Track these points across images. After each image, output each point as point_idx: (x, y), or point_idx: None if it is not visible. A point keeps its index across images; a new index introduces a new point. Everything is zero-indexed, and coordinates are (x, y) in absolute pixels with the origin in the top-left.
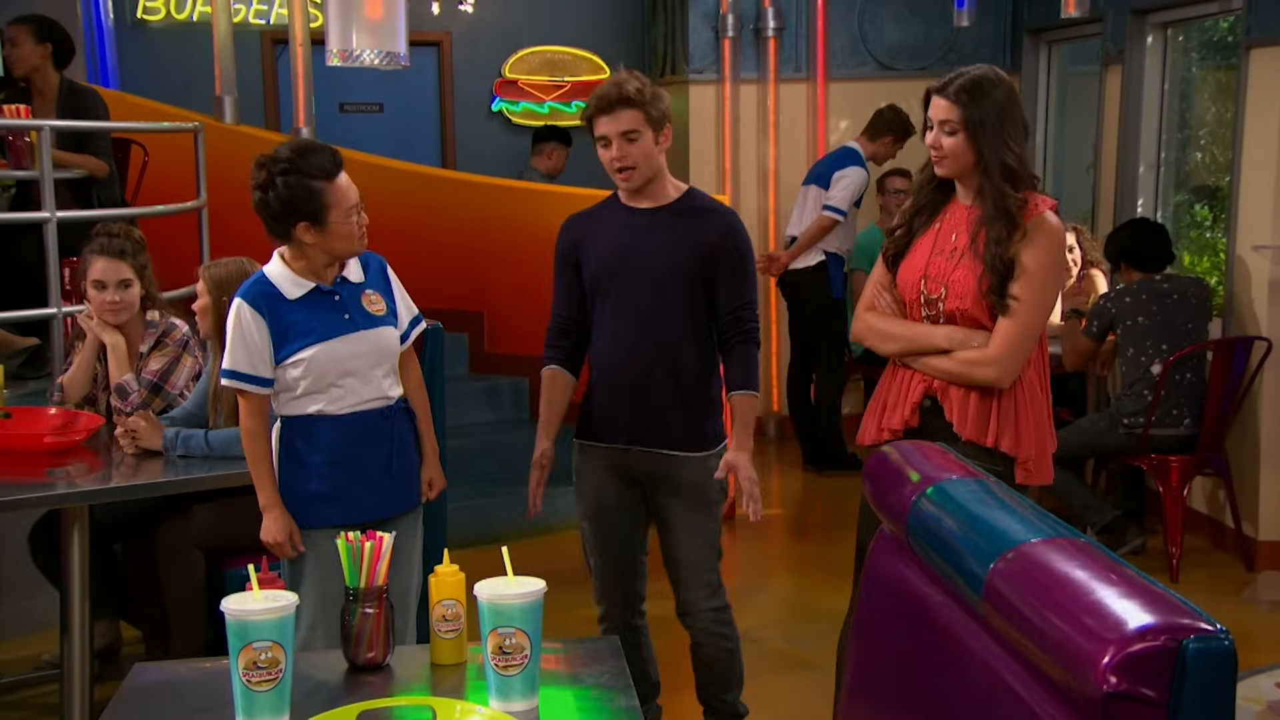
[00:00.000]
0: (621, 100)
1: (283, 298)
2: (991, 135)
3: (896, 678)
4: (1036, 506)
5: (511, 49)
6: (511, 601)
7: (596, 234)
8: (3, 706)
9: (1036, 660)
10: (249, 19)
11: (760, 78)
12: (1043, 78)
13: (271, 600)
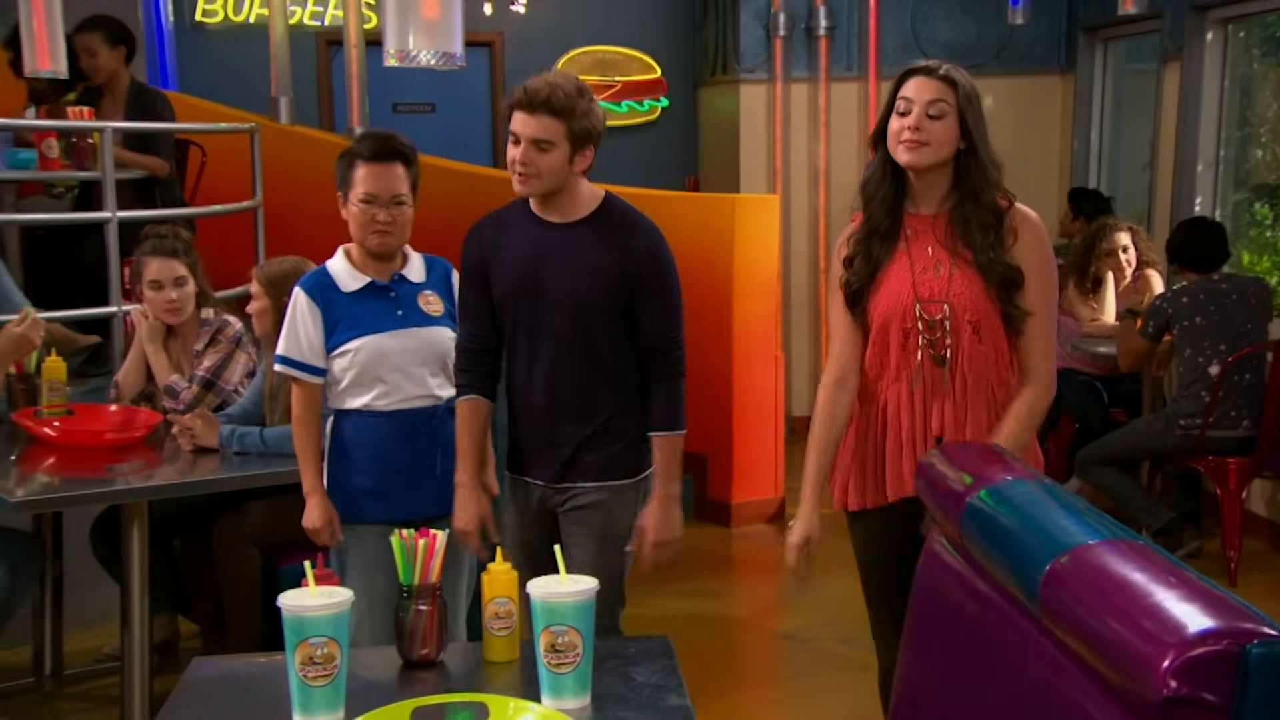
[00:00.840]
0: (546, 105)
1: (338, 289)
2: (980, 123)
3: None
4: (1093, 508)
5: (563, 49)
6: (564, 600)
7: (507, 246)
8: (67, 697)
9: (1093, 663)
10: (304, 21)
11: (811, 76)
12: (1098, 76)
13: (327, 597)
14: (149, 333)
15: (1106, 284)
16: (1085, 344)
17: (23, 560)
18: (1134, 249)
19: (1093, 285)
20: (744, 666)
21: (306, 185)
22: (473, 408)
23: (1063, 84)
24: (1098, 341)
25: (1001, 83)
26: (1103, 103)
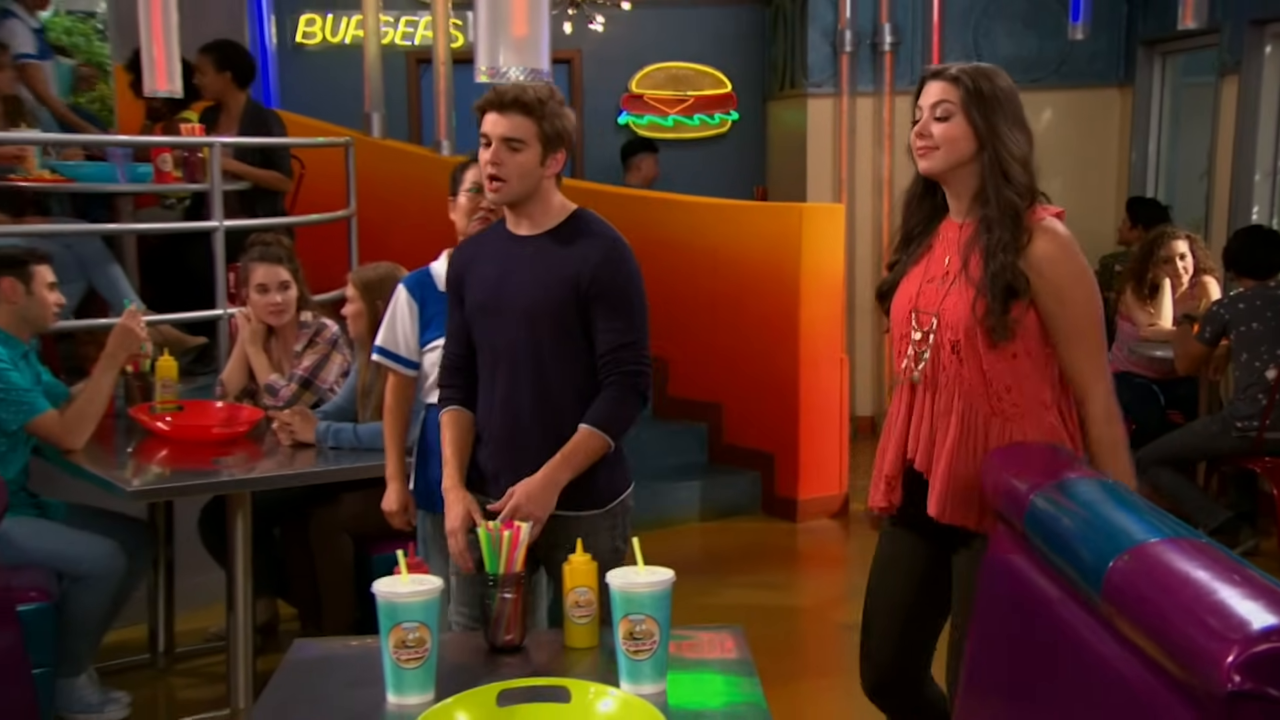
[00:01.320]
0: (517, 104)
1: (435, 289)
2: (994, 120)
3: (1013, 670)
4: (1154, 506)
5: (638, 65)
6: (642, 590)
7: (478, 262)
8: (178, 673)
9: (1157, 657)
10: (396, 41)
11: (876, 90)
12: (1156, 89)
13: (419, 584)
14: (251, 334)
15: (1163, 290)
16: (1142, 348)
17: (139, 546)
18: (1191, 256)
19: (1150, 291)
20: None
21: (397, 195)
22: (455, 418)
23: (1121, 97)
24: (1155, 346)
25: (1062, 96)
26: (1161, 115)
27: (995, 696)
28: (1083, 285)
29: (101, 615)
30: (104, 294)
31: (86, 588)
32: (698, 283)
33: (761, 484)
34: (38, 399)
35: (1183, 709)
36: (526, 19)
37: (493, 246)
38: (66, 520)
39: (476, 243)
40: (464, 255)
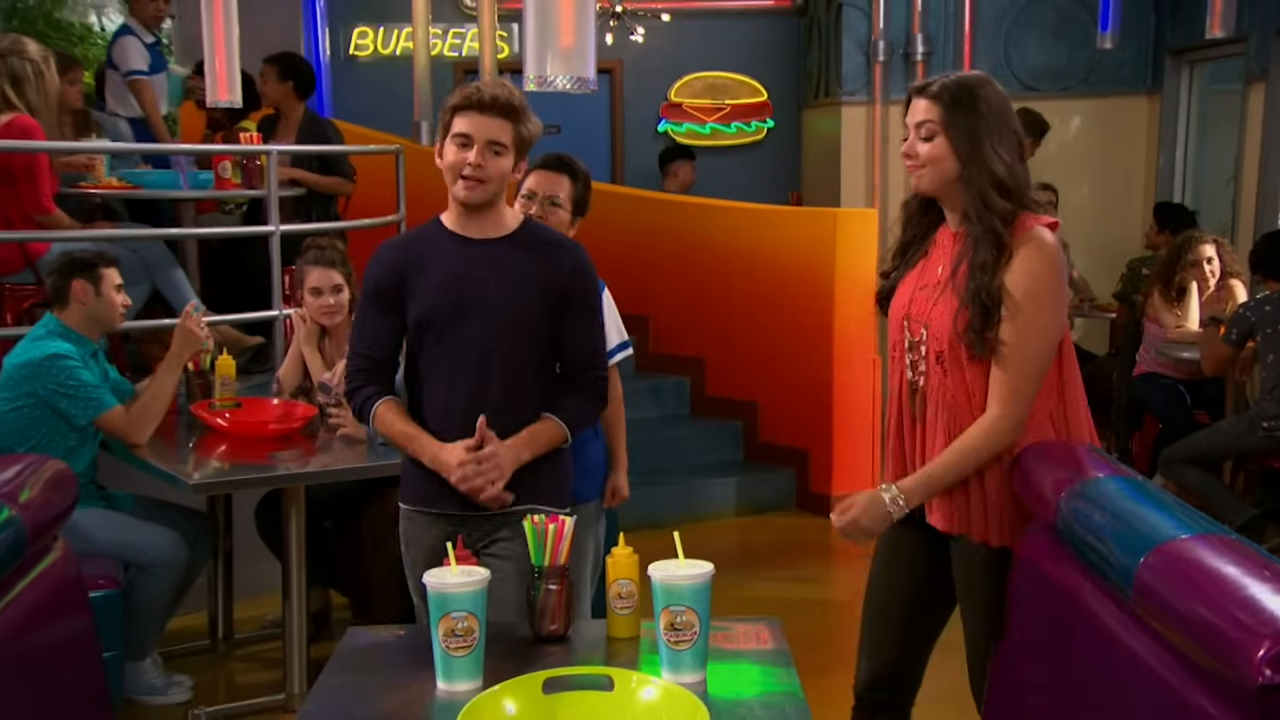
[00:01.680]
0: (504, 107)
1: None
2: (976, 139)
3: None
4: (1183, 504)
5: (677, 75)
6: (683, 582)
7: (425, 266)
8: (237, 659)
9: (1188, 652)
10: (444, 52)
11: None
12: (1184, 97)
13: (467, 575)
14: (306, 334)
15: (1190, 293)
16: (1169, 349)
17: (200, 537)
18: (1218, 260)
19: (1177, 294)
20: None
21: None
22: (393, 403)
23: (1149, 105)
24: (1181, 347)
25: (1090, 104)
26: (1188, 122)
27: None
28: (1041, 306)
29: (165, 602)
30: (167, 296)
31: (151, 576)
32: (734, 285)
33: (796, 480)
34: (105, 396)
35: (1214, 703)
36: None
37: (438, 250)
38: (133, 512)
39: (409, 246)
40: (397, 260)
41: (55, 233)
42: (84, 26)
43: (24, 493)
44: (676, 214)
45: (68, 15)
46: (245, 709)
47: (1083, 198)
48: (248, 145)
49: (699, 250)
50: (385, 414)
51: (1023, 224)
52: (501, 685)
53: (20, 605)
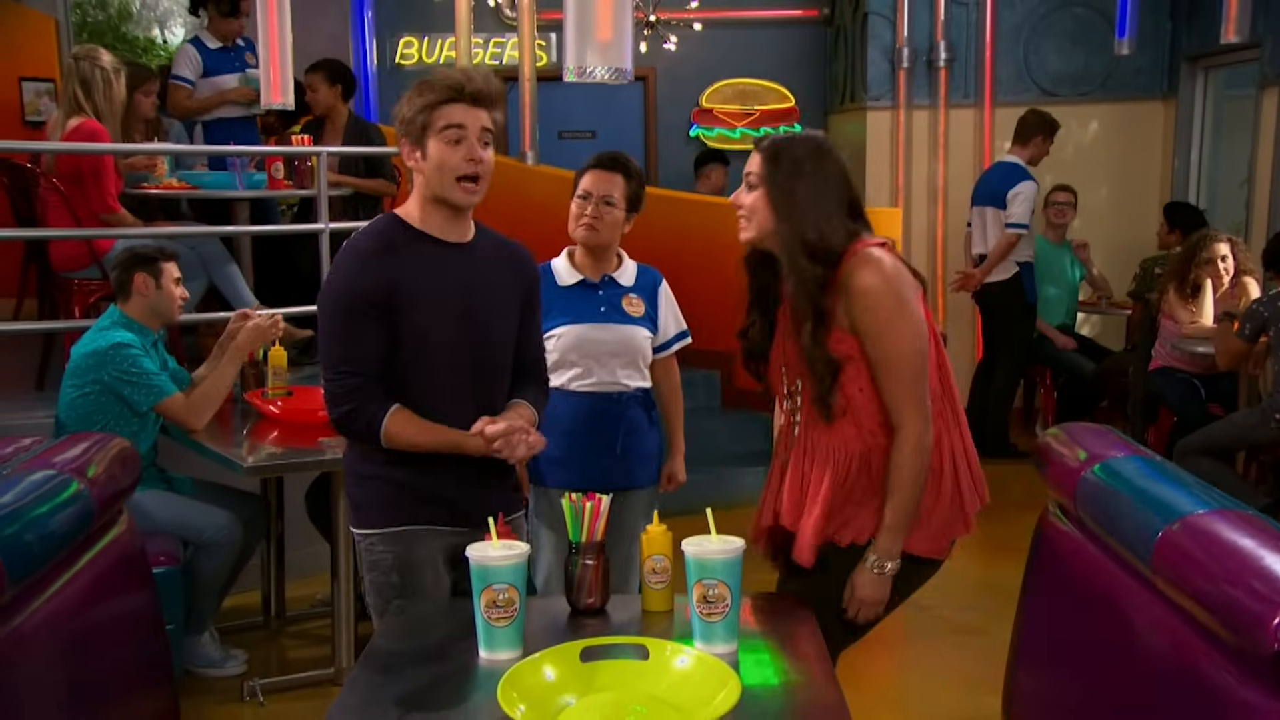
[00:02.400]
0: (494, 98)
1: (555, 282)
2: (791, 197)
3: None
4: (1201, 482)
5: (708, 81)
6: (715, 556)
7: (418, 272)
8: (289, 635)
9: (1205, 621)
10: (485, 60)
11: (932, 104)
12: (1199, 102)
13: (508, 549)
14: None
15: (1205, 290)
16: (1184, 344)
17: (253, 518)
18: (1232, 258)
19: (1192, 291)
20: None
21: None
22: (403, 411)
23: (1165, 109)
24: (1196, 342)
25: (1107, 109)
26: (1203, 126)
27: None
28: (893, 321)
29: (222, 579)
30: (223, 290)
31: (209, 554)
32: None
33: None
34: (165, 383)
35: (1229, 669)
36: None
37: (420, 255)
38: (192, 494)
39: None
40: (383, 267)
41: (119, 230)
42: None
43: (91, 468)
44: (707, 214)
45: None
46: (296, 681)
47: (1100, 199)
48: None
49: (727, 250)
50: (402, 424)
51: (851, 251)
52: (541, 653)
53: (88, 574)
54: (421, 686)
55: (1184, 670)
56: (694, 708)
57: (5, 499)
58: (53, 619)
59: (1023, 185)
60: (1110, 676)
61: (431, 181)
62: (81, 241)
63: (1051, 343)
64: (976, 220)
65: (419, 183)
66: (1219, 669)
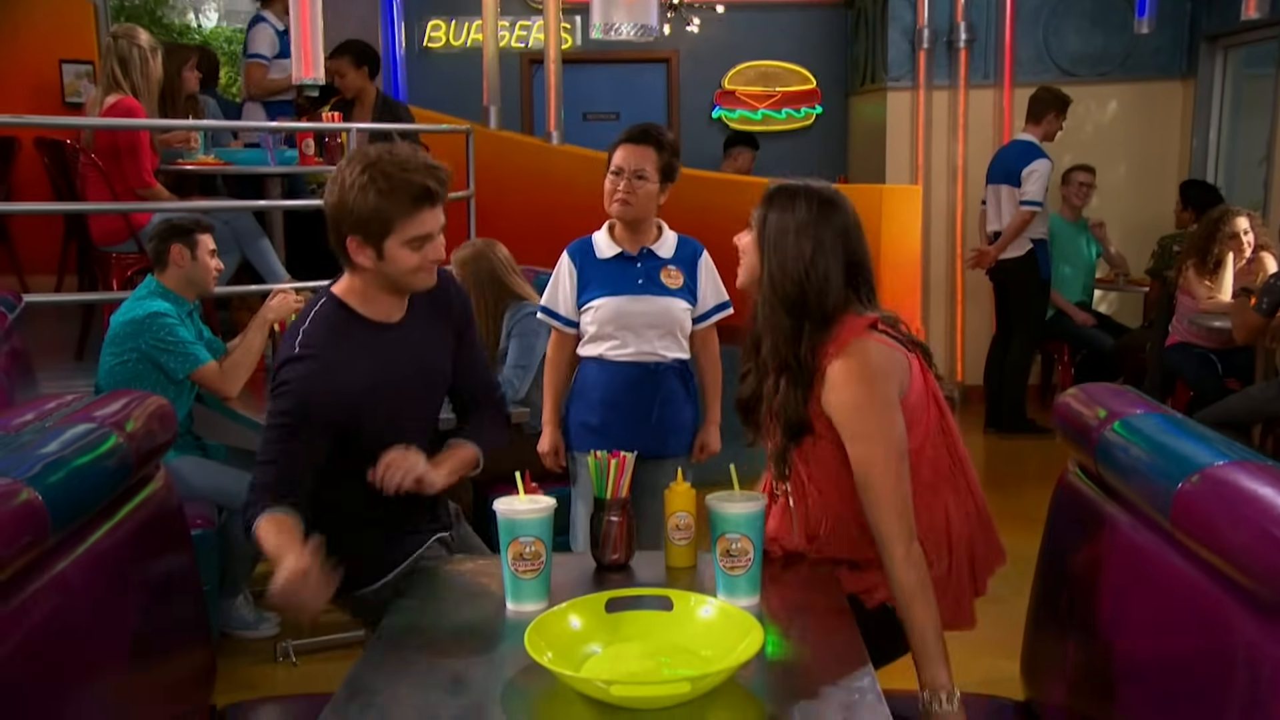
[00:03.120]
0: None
1: (594, 255)
2: (781, 246)
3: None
4: (1220, 436)
5: (730, 63)
6: (738, 511)
7: (368, 366)
8: None
9: (1225, 571)
10: (511, 43)
11: (952, 84)
12: (1218, 81)
13: (534, 503)
14: None
15: (1226, 265)
16: (1201, 319)
17: None
18: (1252, 233)
19: (1214, 266)
20: None
21: (511, 180)
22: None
23: (1184, 89)
24: (1213, 317)
25: (1126, 89)
26: (1221, 105)
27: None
28: (869, 429)
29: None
30: (255, 265)
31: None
32: None
33: None
34: (200, 351)
35: (1250, 619)
36: None
37: (366, 347)
38: (225, 461)
39: (323, 347)
40: (322, 368)
41: (155, 204)
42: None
43: (130, 423)
44: (730, 193)
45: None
46: (327, 643)
47: (1119, 178)
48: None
49: None
50: (270, 529)
51: (842, 328)
52: (567, 604)
53: (127, 527)
54: (448, 636)
55: (1206, 623)
56: (718, 655)
57: (49, 449)
58: (93, 567)
59: (1037, 163)
60: (1130, 633)
61: (387, 274)
62: (119, 216)
63: (1070, 319)
64: (991, 198)
65: (366, 275)
66: (1242, 620)
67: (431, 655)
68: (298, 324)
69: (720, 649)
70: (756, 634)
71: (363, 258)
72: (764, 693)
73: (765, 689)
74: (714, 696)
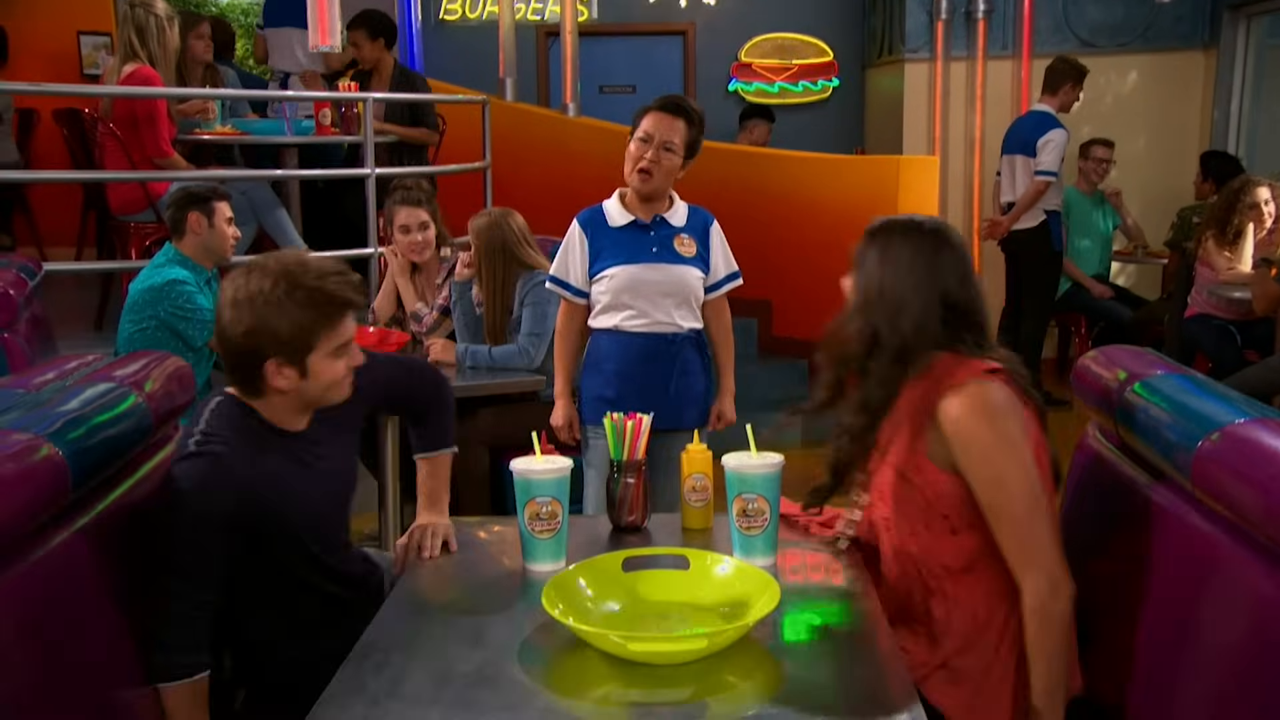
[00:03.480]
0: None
1: (606, 224)
2: (866, 289)
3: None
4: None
5: (747, 36)
6: (755, 471)
7: (278, 484)
8: None
9: (1245, 526)
10: (527, 16)
11: (969, 56)
12: (1240, 50)
13: (550, 463)
14: (398, 268)
15: (1246, 235)
16: (1221, 290)
17: None
18: (1274, 203)
19: (1234, 237)
20: None
21: (527, 152)
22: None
23: (1205, 59)
24: (1233, 288)
25: (1147, 60)
26: (1243, 75)
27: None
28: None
29: None
30: (272, 235)
31: None
32: (800, 231)
33: None
34: None
35: (1270, 576)
36: None
37: (281, 460)
38: None
39: (254, 464)
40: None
41: (171, 173)
42: None
43: (149, 383)
44: (745, 164)
45: None
46: None
47: (1138, 150)
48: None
49: (766, 198)
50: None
51: (959, 368)
52: (584, 562)
53: (146, 487)
54: (464, 595)
55: (1227, 580)
56: (734, 612)
57: (69, 406)
58: (114, 525)
59: (1053, 133)
60: (1151, 592)
61: (308, 394)
62: (137, 185)
63: (1088, 291)
64: (1006, 168)
65: (282, 398)
66: (1259, 572)
67: (448, 614)
68: (191, 425)
69: (737, 606)
70: (773, 591)
71: (282, 380)
72: (781, 652)
73: (782, 649)
74: (730, 655)
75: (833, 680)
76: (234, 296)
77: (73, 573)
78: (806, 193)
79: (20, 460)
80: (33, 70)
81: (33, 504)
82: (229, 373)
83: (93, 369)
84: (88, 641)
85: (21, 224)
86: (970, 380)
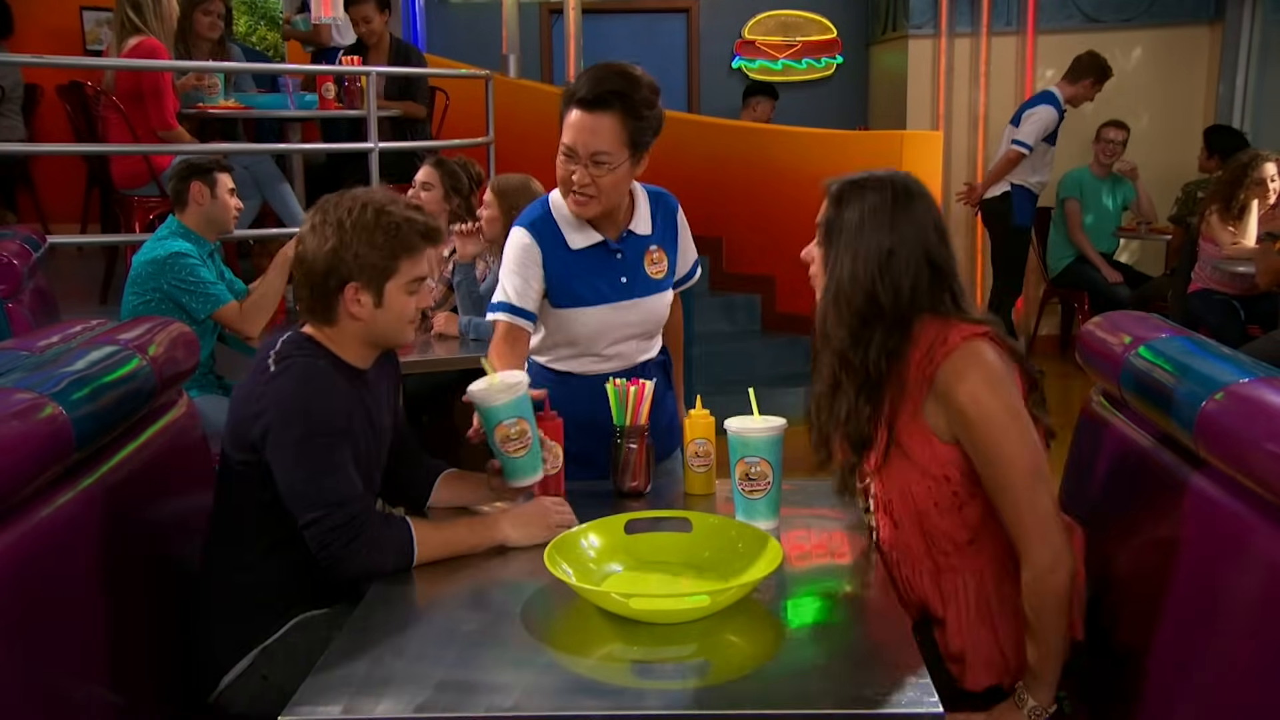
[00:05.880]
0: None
1: (565, 244)
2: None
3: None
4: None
5: (750, 13)
6: (757, 435)
7: (359, 405)
8: None
9: (1249, 485)
10: None
11: (974, 31)
12: (1246, 25)
13: (506, 386)
14: None
15: (1251, 210)
16: (1225, 265)
17: None
18: (1279, 179)
19: (1239, 212)
20: None
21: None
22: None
23: (1210, 34)
24: (1237, 263)
25: (1152, 34)
26: (1249, 51)
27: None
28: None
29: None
30: (275, 209)
31: None
32: (803, 207)
33: None
34: (222, 291)
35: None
36: None
37: (354, 390)
38: None
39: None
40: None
41: (175, 146)
42: None
43: (153, 347)
44: (748, 140)
45: None
46: None
47: (1143, 126)
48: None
49: (770, 174)
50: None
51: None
52: (587, 524)
53: (151, 448)
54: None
55: (1230, 540)
56: (737, 572)
57: (74, 368)
58: (117, 487)
59: (1041, 108)
60: (1155, 554)
61: (378, 326)
62: (140, 159)
63: (1094, 268)
64: (1004, 139)
65: (355, 326)
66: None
67: (450, 571)
68: (262, 354)
69: (740, 566)
70: (775, 552)
71: (358, 306)
72: (782, 612)
73: (783, 609)
74: (732, 614)
75: (833, 639)
76: (321, 219)
77: (75, 534)
78: (810, 169)
79: (24, 419)
80: (36, 45)
81: (36, 462)
82: (303, 301)
83: (96, 333)
84: (88, 602)
85: (26, 200)
86: (962, 343)
